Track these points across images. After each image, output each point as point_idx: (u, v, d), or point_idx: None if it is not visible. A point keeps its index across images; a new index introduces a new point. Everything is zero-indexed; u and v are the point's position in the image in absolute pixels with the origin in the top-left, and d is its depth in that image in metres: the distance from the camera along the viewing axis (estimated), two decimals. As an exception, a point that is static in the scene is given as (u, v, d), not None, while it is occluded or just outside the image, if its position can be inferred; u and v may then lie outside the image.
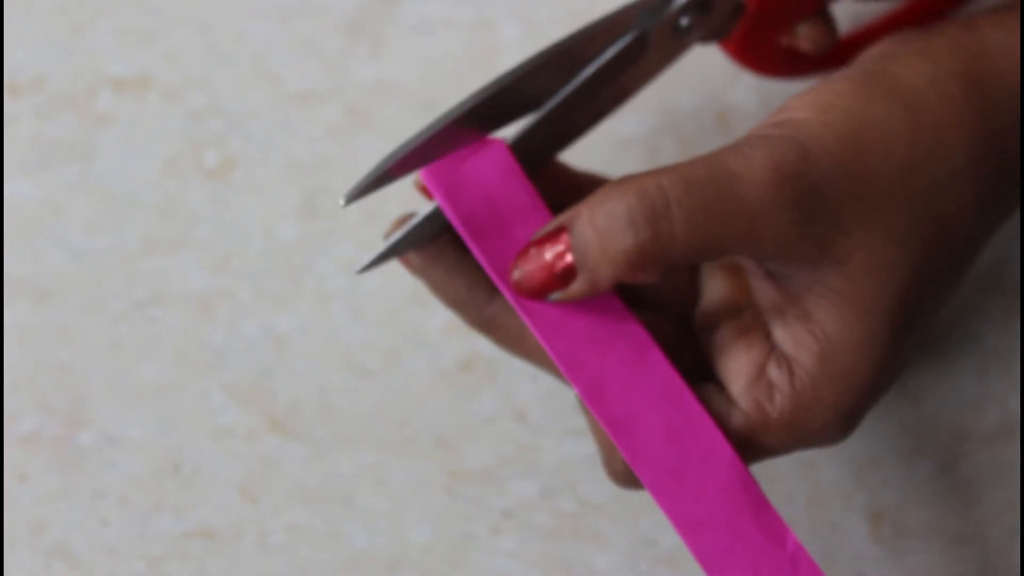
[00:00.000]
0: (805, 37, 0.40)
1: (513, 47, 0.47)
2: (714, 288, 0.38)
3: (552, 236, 0.35)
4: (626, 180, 0.35)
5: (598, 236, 0.34)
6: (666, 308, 0.38)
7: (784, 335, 0.36)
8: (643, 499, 0.45)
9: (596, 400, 0.35)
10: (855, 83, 0.36)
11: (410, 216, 0.37)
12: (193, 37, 0.48)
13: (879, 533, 0.45)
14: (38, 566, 0.44)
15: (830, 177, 0.35)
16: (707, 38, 0.39)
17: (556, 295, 0.35)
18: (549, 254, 0.35)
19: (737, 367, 0.36)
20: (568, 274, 0.35)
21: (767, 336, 0.36)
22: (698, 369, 0.37)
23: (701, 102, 0.47)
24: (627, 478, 0.36)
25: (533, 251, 0.35)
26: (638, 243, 0.34)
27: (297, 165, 0.47)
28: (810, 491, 0.45)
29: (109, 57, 0.48)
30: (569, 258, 0.35)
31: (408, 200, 0.46)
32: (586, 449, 0.45)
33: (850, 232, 0.35)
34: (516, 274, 0.36)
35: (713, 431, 0.35)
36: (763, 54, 0.41)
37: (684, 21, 0.38)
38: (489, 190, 0.36)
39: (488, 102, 0.36)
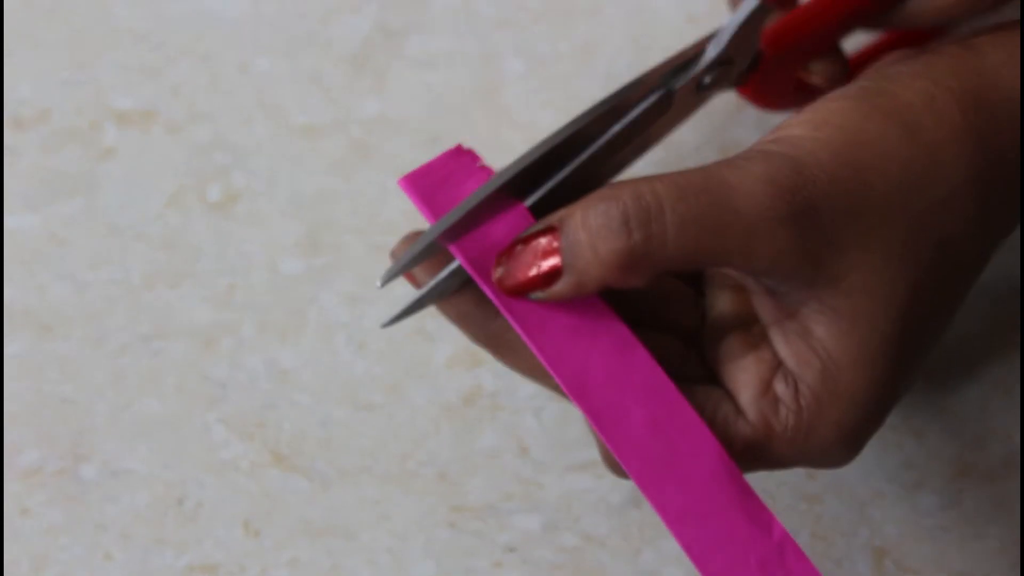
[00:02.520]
0: (819, 74, 0.40)
1: (517, 81, 0.47)
2: (723, 304, 0.38)
3: (539, 234, 0.35)
4: (621, 184, 0.35)
5: (590, 235, 0.34)
6: (673, 329, 0.38)
7: (787, 351, 0.36)
8: (645, 533, 0.45)
9: (579, 393, 0.35)
10: (851, 101, 0.37)
11: (418, 234, 0.37)
12: (197, 71, 0.48)
13: (882, 568, 0.45)
14: (40, 600, 0.44)
15: (825, 193, 0.35)
16: (727, 88, 0.40)
17: (538, 294, 0.35)
18: (534, 253, 0.35)
19: (745, 378, 0.36)
20: (552, 274, 0.35)
21: (775, 351, 0.36)
22: (706, 380, 0.37)
23: (703, 137, 0.47)
24: (621, 470, 0.36)
25: (518, 248, 0.35)
26: (629, 245, 0.34)
27: (300, 199, 0.47)
28: (813, 526, 0.45)
29: (113, 91, 0.48)
30: (554, 259, 0.35)
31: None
32: (589, 483, 0.45)
33: (846, 250, 0.35)
34: (498, 271, 0.35)
35: (698, 424, 0.35)
36: (777, 93, 0.41)
37: (708, 79, 0.38)
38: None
39: (528, 170, 0.36)
